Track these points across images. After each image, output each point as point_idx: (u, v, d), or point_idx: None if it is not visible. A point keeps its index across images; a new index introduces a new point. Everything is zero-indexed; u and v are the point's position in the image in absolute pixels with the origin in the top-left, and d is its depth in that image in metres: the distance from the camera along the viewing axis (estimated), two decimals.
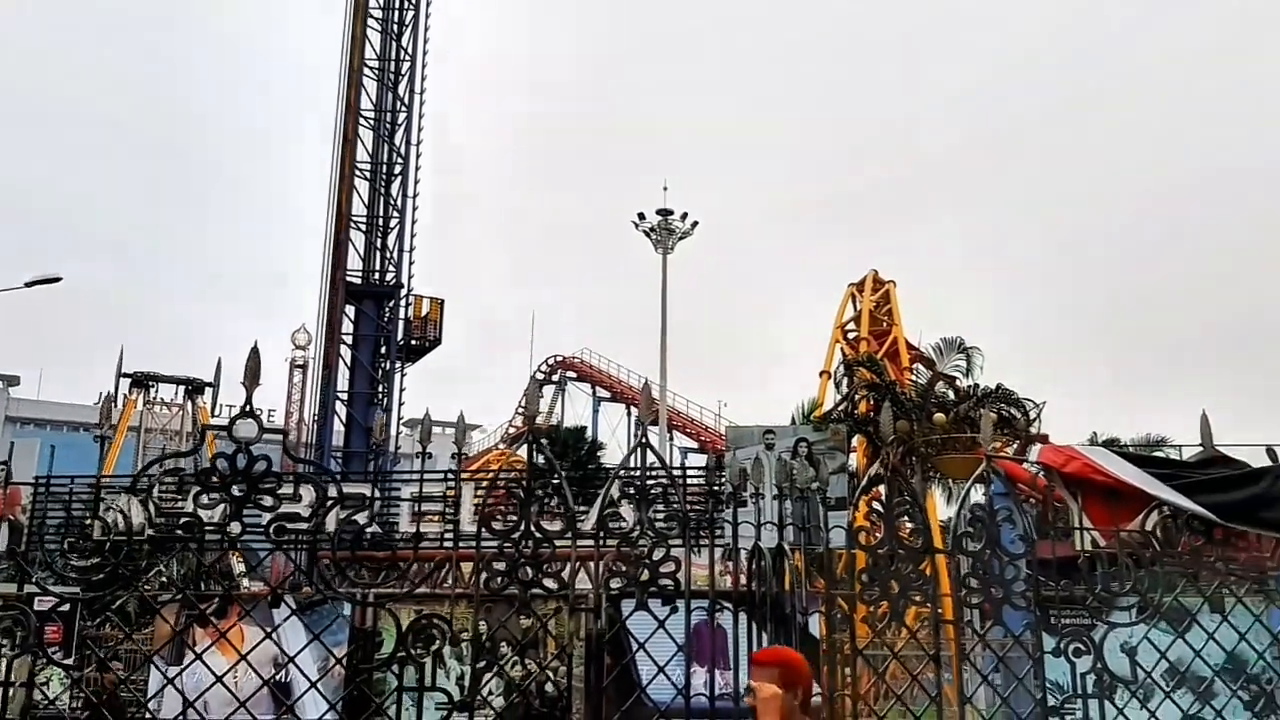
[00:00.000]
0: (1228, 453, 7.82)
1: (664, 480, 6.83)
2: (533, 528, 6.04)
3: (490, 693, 6.64)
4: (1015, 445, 21.94)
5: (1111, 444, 26.03)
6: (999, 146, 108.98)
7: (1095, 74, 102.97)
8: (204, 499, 6.03)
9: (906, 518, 7.14)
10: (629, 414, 46.73)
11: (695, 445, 46.74)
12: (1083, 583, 7.14)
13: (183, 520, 6.14)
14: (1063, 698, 6.54)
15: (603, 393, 51.51)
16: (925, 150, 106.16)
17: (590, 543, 6.19)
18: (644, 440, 6.30)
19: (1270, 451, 8.03)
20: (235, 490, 5.91)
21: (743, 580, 7.17)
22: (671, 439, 43.06)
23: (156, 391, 44.49)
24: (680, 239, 37.43)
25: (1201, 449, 7.43)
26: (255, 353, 5.90)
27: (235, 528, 6.10)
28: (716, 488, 9.11)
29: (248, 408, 5.83)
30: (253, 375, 5.83)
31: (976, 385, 25.26)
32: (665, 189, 38.15)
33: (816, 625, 8.56)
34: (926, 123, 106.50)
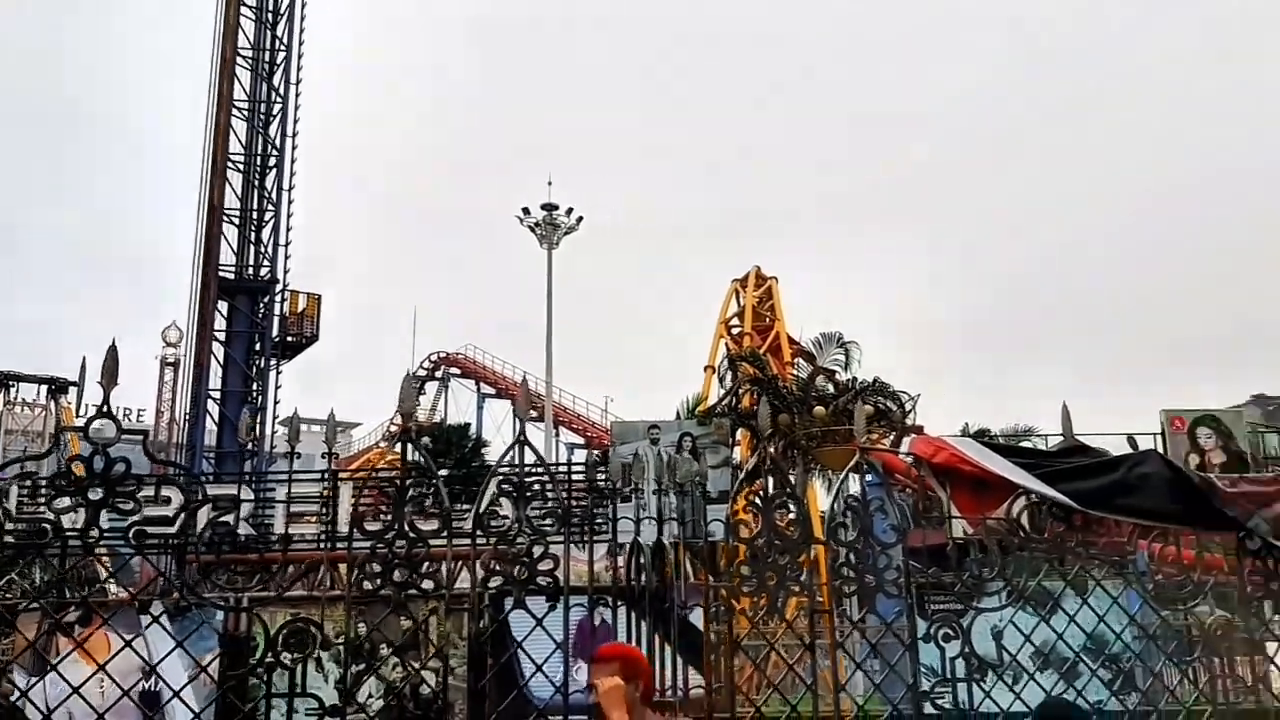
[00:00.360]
0: (1090, 442, 8.13)
1: (543, 477, 6.79)
2: (407, 527, 5.93)
3: (370, 696, 6.51)
4: (892, 437, 22.46)
5: (982, 435, 26.90)
6: (976, 155, 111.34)
7: (1075, 76, 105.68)
8: (64, 503, 5.77)
9: (786, 509, 7.24)
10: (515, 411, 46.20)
11: (582, 441, 46.75)
12: (954, 570, 7.34)
13: (40, 525, 5.86)
14: (934, 681, 6.71)
15: (488, 389, 51.03)
16: (886, 157, 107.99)
17: (469, 542, 6.11)
18: (522, 437, 6.24)
19: (1131, 440, 8.39)
20: (92, 494, 5.66)
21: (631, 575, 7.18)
22: (557, 435, 42.95)
23: (17, 392, 42.42)
24: (566, 234, 37.38)
25: (1063, 438, 7.72)
26: (113, 351, 5.66)
27: (95, 532, 5.85)
28: (597, 483, 9.09)
29: (105, 408, 5.59)
30: (110, 374, 5.59)
31: (855, 378, 25.80)
32: (550, 184, 38.05)
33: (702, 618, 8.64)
34: (886, 123, 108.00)
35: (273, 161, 30.77)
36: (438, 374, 53.22)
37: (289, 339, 31.63)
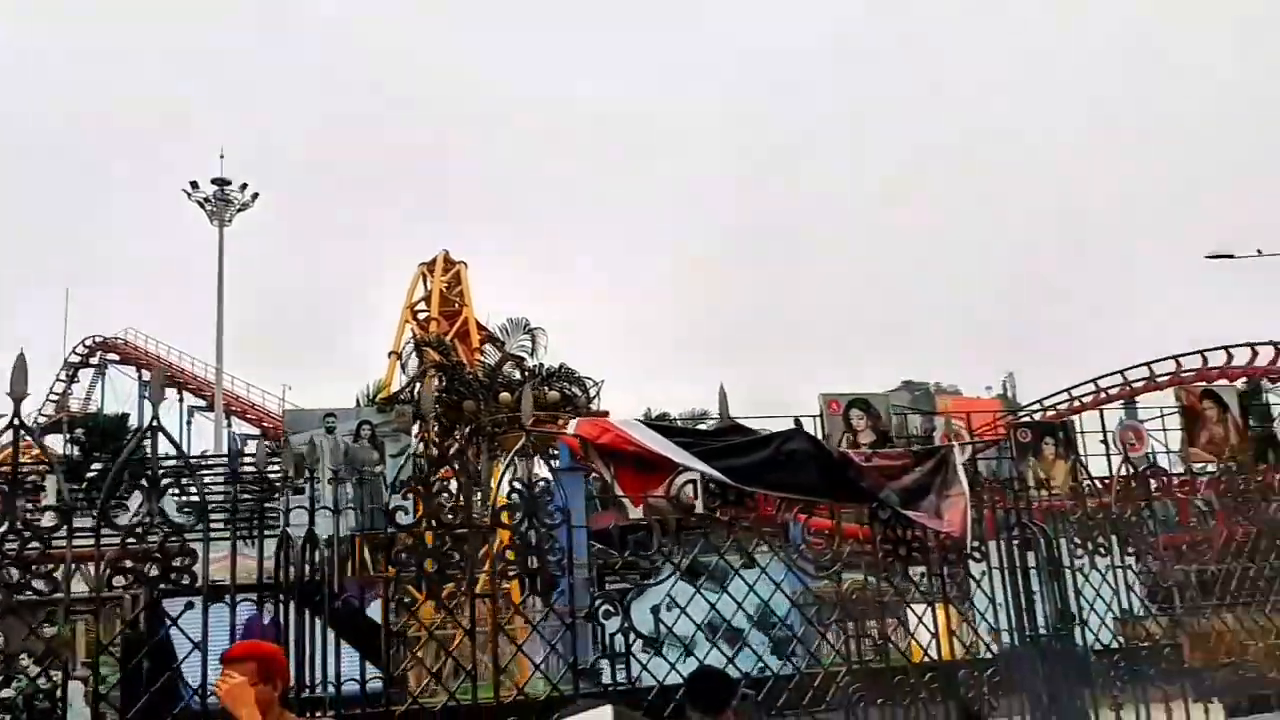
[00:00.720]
0: (769, 424, 8.55)
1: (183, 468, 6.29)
2: (19, 524, 5.31)
3: None
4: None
5: (662, 418, 27.95)
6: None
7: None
8: None
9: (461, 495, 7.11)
10: (182, 399, 43.47)
11: (257, 432, 44.43)
12: (626, 550, 7.50)
13: None
14: (594, 657, 6.80)
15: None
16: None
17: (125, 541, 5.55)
18: (155, 424, 5.74)
19: (797, 421, 8.89)
20: None
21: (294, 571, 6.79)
22: (230, 425, 40.61)
23: None
24: (240, 210, 35.41)
25: (719, 418, 8.06)
26: None
27: None
28: (239, 473, 8.59)
29: None
30: None
31: (542, 365, 26.01)
32: (222, 157, 35.89)
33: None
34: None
35: None
36: (93, 360, 48.85)
37: None
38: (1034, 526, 8.66)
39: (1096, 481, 10.05)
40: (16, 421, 5.79)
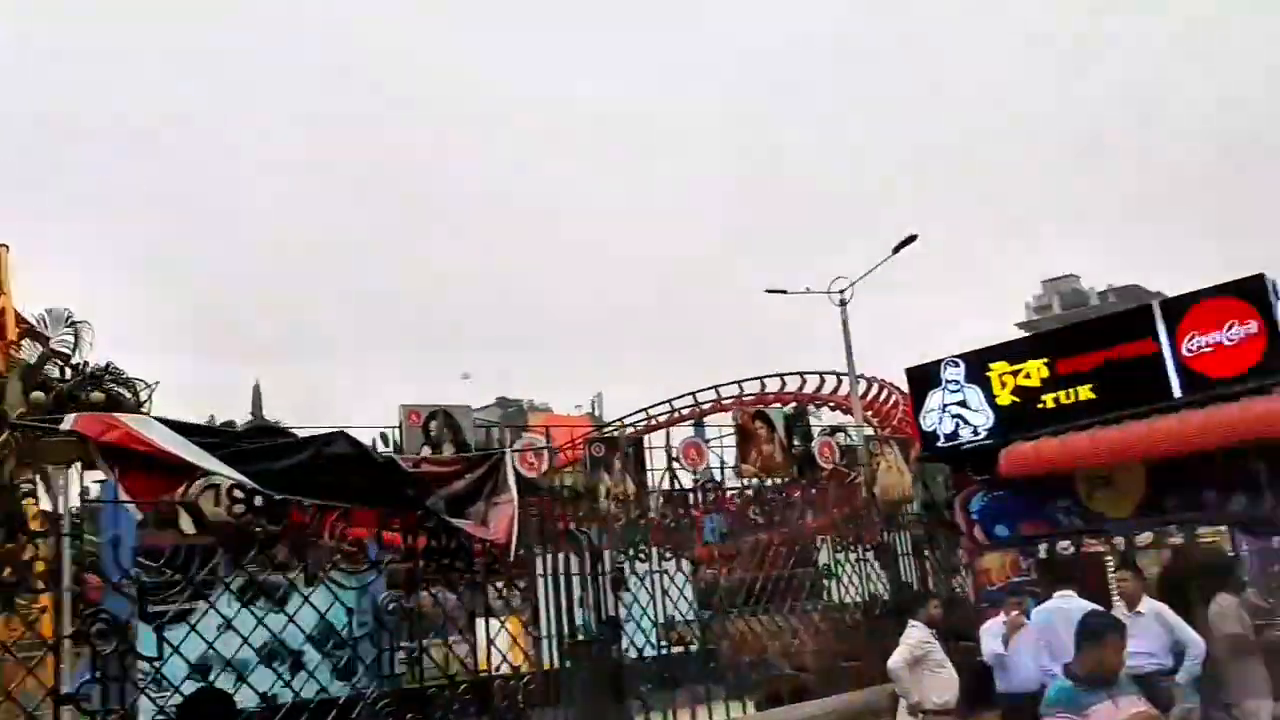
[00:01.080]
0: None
1: None
2: None
3: None
4: None
5: (229, 425, 26.11)
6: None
7: None
8: None
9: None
10: None
11: None
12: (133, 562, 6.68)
13: None
14: (80, 683, 5.97)
15: None
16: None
17: None
18: None
19: (382, 434, 8.43)
20: None
21: None
22: None
23: None
24: None
25: (252, 418, 7.45)
26: None
27: None
28: None
29: None
30: None
31: (86, 363, 23.41)
32: None
33: None
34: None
35: None
36: None
37: None
38: (581, 534, 8.78)
39: (660, 493, 10.47)
40: None
